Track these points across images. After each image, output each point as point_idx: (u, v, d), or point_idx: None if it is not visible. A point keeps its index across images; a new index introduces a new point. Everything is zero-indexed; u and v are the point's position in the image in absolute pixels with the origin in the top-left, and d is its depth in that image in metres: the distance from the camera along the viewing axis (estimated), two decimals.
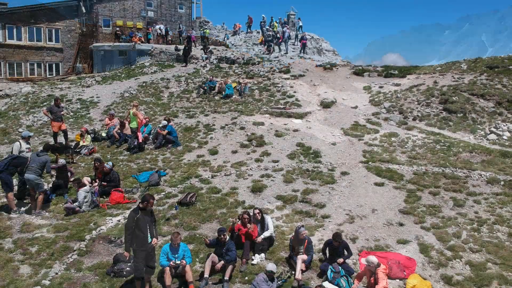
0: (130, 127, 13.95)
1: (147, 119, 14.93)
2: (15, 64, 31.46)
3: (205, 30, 32.52)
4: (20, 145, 10.67)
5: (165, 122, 14.03)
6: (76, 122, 17.62)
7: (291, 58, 26.95)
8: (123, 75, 27.83)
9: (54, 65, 33.73)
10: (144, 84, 23.52)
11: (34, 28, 32.21)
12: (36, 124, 17.68)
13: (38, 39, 32.50)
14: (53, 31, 33.36)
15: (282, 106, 16.81)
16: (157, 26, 35.20)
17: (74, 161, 12.97)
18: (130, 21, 36.21)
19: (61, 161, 10.99)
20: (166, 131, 13.73)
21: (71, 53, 34.46)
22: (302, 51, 29.36)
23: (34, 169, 9.53)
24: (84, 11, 33.83)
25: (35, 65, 32.59)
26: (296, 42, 36.73)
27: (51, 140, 15.17)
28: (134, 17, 36.44)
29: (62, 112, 14.54)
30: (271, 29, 30.81)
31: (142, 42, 34.55)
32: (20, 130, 16.90)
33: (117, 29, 35.02)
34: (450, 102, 16.38)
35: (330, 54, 40.28)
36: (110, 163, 10.67)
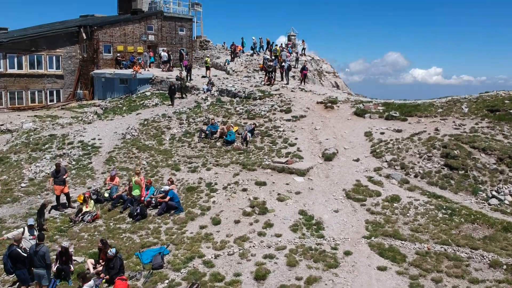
0: (133, 195, 13.99)
1: (149, 182, 14.96)
2: (16, 93, 31.62)
3: (205, 59, 32.52)
4: (24, 231, 10.72)
5: (166, 188, 14.07)
6: (78, 174, 17.65)
7: (292, 90, 26.99)
8: (124, 107, 27.89)
9: (55, 92, 33.97)
10: (145, 122, 23.56)
11: (35, 56, 32.42)
12: (39, 176, 17.70)
13: (38, 67, 32.69)
14: (54, 57, 33.55)
15: (283, 161, 16.84)
16: (161, 52, 35.17)
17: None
18: (131, 45, 36.31)
19: (65, 244, 11.03)
20: (168, 197, 13.78)
21: (71, 79, 34.62)
22: (303, 82, 29.38)
23: (40, 264, 9.62)
24: (84, 37, 33.94)
25: (36, 92, 32.73)
26: (297, 65, 36.82)
27: (53, 199, 15.21)
28: (134, 42, 36.57)
29: (64, 176, 14.57)
30: (272, 58, 30.80)
31: (142, 67, 34.60)
32: (23, 185, 16.95)
33: (118, 54, 35.12)
34: (452, 157, 16.41)
35: (331, 76, 40.47)
36: (114, 249, 10.71)
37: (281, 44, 39.60)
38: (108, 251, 10.60)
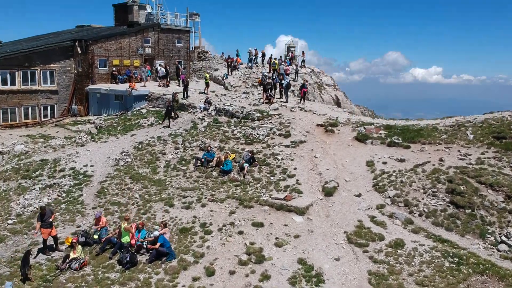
0: (122, 242, 13.28)
1: (141, 224, 14.23)
2: (8, 110, 30.87)
3: (205, 75, 31.73)
4: None
5: (156, 233, 13.34)
6: (68, 209, 16.90)
7: (291, 110, 26.28)
8: (119, 127, 27.19)
9: (49, 107, 33.22)
10: (140, 145, 22.85)
11: (28, 72, 31.71)
12: (27, 211, 16.99)
13: (32, 83, 31.98)
14: (48, 73, 32.84)
15: (282, 197, 16.10)
16: (158, 67, 34.40)
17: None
18: (127, 59, 35.62)
19: None
20: (158, 243, 13.06)
21: (66, 94, 33.92)
22: (302, 100, 28.66)
23: None
24: (79, 51, 33.22)
25: (30, 109, 32.00)
26: (296, 78, 36.22)
27: (40, 240, 14.45)
28: (131, 55, 35.88)
29: (51, 218, 13.84)
30: (270, 75, 30.04)
31: (139, 81, 33.97)
32: (10, 222, 16.23)
33: (114, 69, 34.45)
34: (458, 193, 15.69)
35: (331, 89, 39.82)
36: None
37: (280, 56, 38.93)
38: None
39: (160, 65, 34.62)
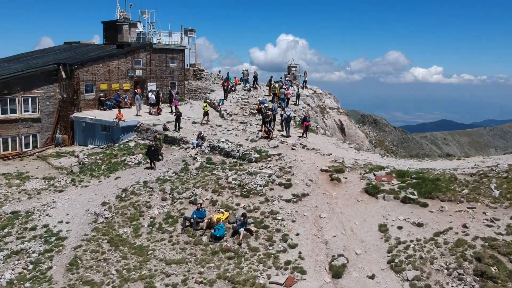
0: None
1: None
2: None
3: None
4: None
5: None
6: None
7: (292, 147, 23.91)
8: (103, 166, 24.82)
9: (31, 137, 30.74)
10: (123, 194, 20.49)
11: (8, 99, 29.26)
12: None
13: (12, 111, 29.55)
14: (30, 99, 30.41)
15: (282, 281, 13.70)
16: (149, 94, 31.87)
17: None
18: (116, 83, 33.20)
19: None
20: None
21: (50, 121, 31.50)
22: (304, 134, 26.30)
23: None
24: (64, 76, 30.81)
25: (9, 139, 29.58)
26: (297, 102, 34.09)
27: None
28: (120, 78, 33.49)
29: None
30: (270, 107, 27.63)
31: (129, 106, 31.75)
32: None
33: (101, 94, 32.04)
34: (489, 277, 13.35)
35: (334, 113, 37.57)
36: None
37: (280, 78, 36.58)
38: None
39: (151, 91, 32.14)
